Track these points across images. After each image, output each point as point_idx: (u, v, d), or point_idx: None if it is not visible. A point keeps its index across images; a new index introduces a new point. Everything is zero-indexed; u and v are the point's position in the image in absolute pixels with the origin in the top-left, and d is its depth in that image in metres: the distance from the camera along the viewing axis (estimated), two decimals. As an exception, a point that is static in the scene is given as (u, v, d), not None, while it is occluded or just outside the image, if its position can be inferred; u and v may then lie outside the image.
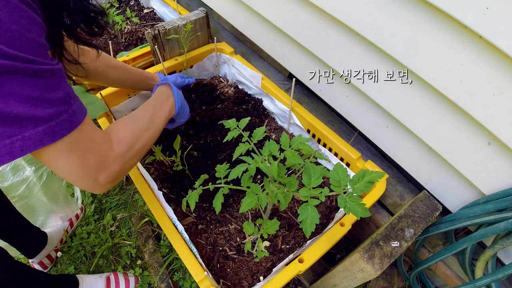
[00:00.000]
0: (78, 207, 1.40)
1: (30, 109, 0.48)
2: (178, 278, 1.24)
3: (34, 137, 0.49)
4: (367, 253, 0.82)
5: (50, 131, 0.51)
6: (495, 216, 0.82)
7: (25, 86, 0.46)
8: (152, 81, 1.19)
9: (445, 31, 0.78)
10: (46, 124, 0.50)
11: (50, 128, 0.51)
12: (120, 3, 1.99)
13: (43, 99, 0.49)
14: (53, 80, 0.51)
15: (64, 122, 0.53)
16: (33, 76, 0.47)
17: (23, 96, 0.47)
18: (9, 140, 0.47)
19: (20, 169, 1.21)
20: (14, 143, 0.48)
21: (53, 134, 0.51)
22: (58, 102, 0.52)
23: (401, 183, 1.17)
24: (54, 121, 0.51)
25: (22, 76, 0.46)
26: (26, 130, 0.48)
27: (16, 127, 0.47)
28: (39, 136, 0.49)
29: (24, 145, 0.48)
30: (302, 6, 1.13)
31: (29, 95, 0.47)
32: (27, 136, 0.48)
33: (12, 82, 0.45)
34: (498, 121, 0.77)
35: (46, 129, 0.50)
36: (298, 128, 1.25)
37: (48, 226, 1.30)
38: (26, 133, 0.48)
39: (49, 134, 0.51)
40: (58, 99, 0.52)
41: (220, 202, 0.76)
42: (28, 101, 0.47)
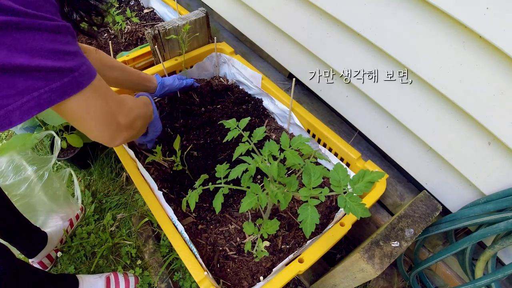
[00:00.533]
0: (78, 207, 1.40)
1: (54, 62, 0.51)
2: (178, 278, 1.24)
3: (61, 88, 0.52)
4: (367, 253, 0.82)
5: (74, 81, 0.54)
6: (495, 216, 0.82)
7: (46, 40, 0.49)
8: (150, 83, 1.20)
9: (445, 31, 0.78)
10: (71, 75, 0.54)
11: (74, 79, 0.54)
12: (120, 3, 1.99)
13: (64, 52, 0.52)
14: (68, 35, 0.54)
15: (85, 73, 0.56)
16: (52, 32, 0.50)
17: (46, 50, 0.49)
18: (37, 92, 0.50)
19: (22, 169, 1.21)
20: (42, 95, 0.50)
21: (77, 84, 0.55)
22: (77, 54, 0.55)
23: (401, 183, 1.17)
24: (77, 72, 0.55)
25: (43, 32, 0.49)
26: (53, 82, 0.51)
27: (43, 80, 0.50)
28: (65, 87, 0.53)
29: (52, 96, 0.52)
30: (302, 6, 1.13)
31: (52, 49, 0.50)
32: (54, 87, 0.52)
33: (35, 38, 0.48)
34: (498, 121, 0.77)
35: (72, 79, 0.54)
36: (298, 128, 1.25)
37: (48, 226, 1.30)
38: (53, 84, 0.51)
39: (74, 84, 0.54)
40: (76, 51, 0.55)
41: (220, 202, 0.76)
42: (52, 54, 0.50)
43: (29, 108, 0.50)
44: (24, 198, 1.20)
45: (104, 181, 1.55)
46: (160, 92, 1.24)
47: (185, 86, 1.32)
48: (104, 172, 1.57)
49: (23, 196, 1.20)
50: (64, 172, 1.39)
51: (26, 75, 0.49)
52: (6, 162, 1.20)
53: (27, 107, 0.50)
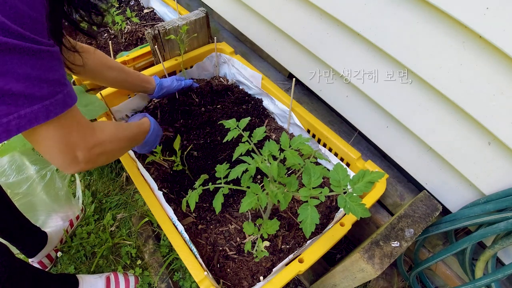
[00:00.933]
0: (79, 208, 1.40)
1: (27, 88, 0.49)
2: (178, 278, 1.24)
3: (29, 115, 0.51)
4: (367, 253, 0.82)
5: (45, 109, 0.52)
6: (495, 216, 0.82)
7: (24, 65, 0.48)
8: (148, 84, 1.20)
9: (445, 31, 0.78)
10: (42, 103, 0.52)
11: (45, 107, 0.52)
12: (120, 3, 1.99)
13: (41, 79, 0.51)
14: (51, 61, 0.52)
15: (58, 102, 0.55)
16: (33, 56, 0.48)
17: (22, 75, 0.48)
18: (6, 118, 0.48)
19: (24, 168, 1.21)
20: (11, 121, 0.49)
21: (47, 113, 0.53)
22: (54, 82, 0.53)
23: (401, 183, 1.17)
24: (49, 101, 0.53)
25: (23, 55, 0.47)
26: (22, 108, 0.49)
27: (13, 106, 0.48)
28: (34, 115, 0.51)
29: (20, 123, 0.50)
30: (302, 6, 1.13)
31: (28, 74, 0.48)
32: (23, 114, 0.50)
33: (13, 60, 0.46)
34: (498, 121, 0.77)
35: (41, 107, 0.52)
36: (298, 128, 1.25)
37: (48, 226, 1.30)
38: (22, 111, 0.49)
39: (44, 113, 0.53)
40: (55, 79, 0.54)
41: (220, 202, 0.76)
42: (27, 80, 0.48)
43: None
44: (25, 197, 1.20)
45: (104, 181, 1.55)
46: (158, 93, 1.24)
47: (183, 87, 1.32)
48: (104, 172, 1.57)
49: (25, 195, 1.20)
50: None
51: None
52: (8, 162, 1.20)
53: None
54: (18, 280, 0.84)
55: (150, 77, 1.21)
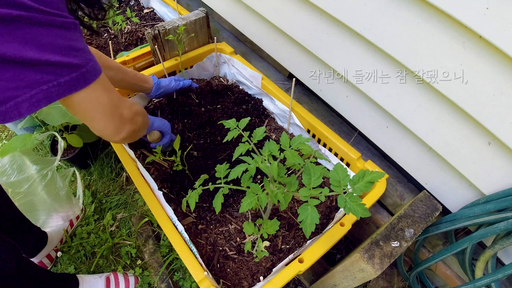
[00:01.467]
0: (80, 207, 1.40)
1: (63, 57, 0.53)
2: (178, 278, 1.24)
3: (69, 83, 0.55)
4: (367, 253, 0.82)
5: (82, 76, 0.57)
6: (495, 216, 0.82)
7: (56, 36, 0.51)
8: (146, 84, 1.20)
9: (445, 31, 0.78)
10: (80, 70, 0.56)
11: (82, 74, 0.56)
12: (120, 3, 1.99)
13: (73, 48, 0.54)
14: (76, 32, 0.56)
15: (91, 69, 0.59)
16: (62, 28, 0.52)
17: (56, 45, 0.51)
18: (46, 85, 0.52)
19: (25, 168, 1.21)
20: (50, 88, 0.52)
21: (85, 79, 0.57)
22: (84, 51, 0.58)
23: (401, 183, 1.17)
24: (85, 68, 0.57)
25: (53, 28, 0.51)
26: (62, 76, 0.53)
27: (52, 74, 0.52)
28: (73, 82, 0.55)
29: (60, 89, 0.54)
30: (302, 6, 1.13)
31: (62, 44, 0.52)
32: (62, 82, 0.54)
33: (46, 33, 0.50)
34: (498, 121, 0.77)
35: (79, 75, 0.56)
36: (298, 128, 1.25)
37: (48, 226, 1.30)
38: (61, 79, 0.53)
39: (81, 79, 0.57)
40: (84, 48, 0.58)
41: (220, 202, 0.76)
42: (61, 50, 0.52)
43: (37, 100, 0.52)
44: (26, 196, 1.20)
45: (104, 181, 1.55)
46: (156, 92, 1.24)
47: (182, 87, 1.32)
48: (104, 172, 1.57)
49: (26, 194, 1.20)
50: (68, 172, 1.39)
51: (36, 69, 0.50)
52: (9, 161, 1.21)
53: (35, 99, 0.52)
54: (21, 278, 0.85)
55: (148, 77, 1.21)
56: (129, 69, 1.14)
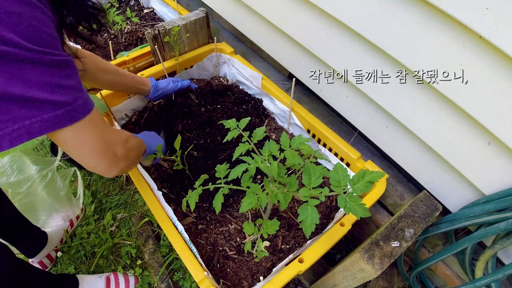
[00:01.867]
0: (80, 207, 1.40)
1: (49, 94, 0.53)
2: (178, 278, 1.24)
3: (52, 119, 0.55)
4: (367, 253, 0.82)
5: (67, 114, 0.56)
6: (495, 216, 0.82)
7: (45, 74, 0.52)
8: (144, 86, 1.20)
9: (445, 31, 0.78)
10: (65, 108, 0.56)
11: (67, 112, 0.56)
12: (120, 3, 1.99)
13: (60, 86, 0.55)
14: (68, 69, 0.57)
15: (79, 107, 0.59)
16: (52, 66, 0.53)
17: (43, 83, 0.52)
18: (29, 121, 0.52)
19: (25, 168, 1.21)
20: (33, 124, 0.53)
21: (70, 117, 0.57)
22: (73, 88, 0.58)
23: (401, 183, 1.17)
24: (71, 106, 0.57)
25: (42, 66, 0.51)
26: (45, 113, 0.53)
27: (36, 110, 0.52)
28: (57, 119, 0.55)
29: (43, 126, 0.54)
30: (302, 6, 1.13)
31: (49, 82, 0.53)
32: (46, 118, 0.54)
33: (33, 71, 0.50)
34: (498, 121, 0.77)
35: (64, 112, 0.56)
36: (298, 128, 1.25)
37: (49, 226, 1.30)
38: (44, 115, 0.53)
39: (67, 117, 0.57)
40: (73, 86, 0.58)
41: (220, 202, 0.76)
42: (48, 87, 0.53)
43: (19, 135, 0.52)
44: (27, 196, 1.20)
45: (104, 181, 1.55)
46: (154, 94, 1.24)
47: (180, 88, 1.32)
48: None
49: (26, 194, 1.20)
50: (68, 172, 1.39)
51: (21, 104, 0.51)
52: (10, 161, 1.21)
53: (17, 134, 0.52)
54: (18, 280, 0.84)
55: (145, 79, 1.21)
56: (126, 71, 1.14)
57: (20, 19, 0.48)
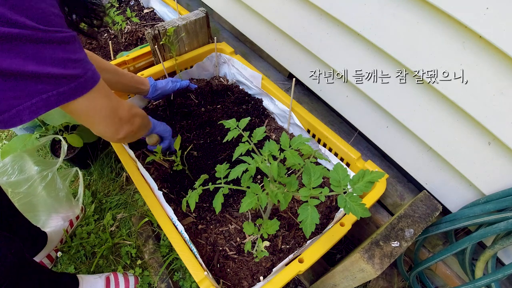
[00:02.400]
0: (79, 208, 1.40)
1: (63, 69, 0.57)
2: (178, 278, 1.24)
3: (68, 92, 0.59)
4: (367, 253, 0.82)
5: (80, 85, 0.61)
6: (495, 216, 0.82)
7: (56, 50, 0.56)
8: (143, 86, 1.20)
9: (445, 31, 0.78)
10: (78, 80, 0.60)
11: (80, 84, 0.61)
12: (120, 3, 1.99)
13: (72, 60, 0.59)
14: (75, 44, 0.60)
15: (89, 78, 0.63)
16: (61, 43, 0.56)
17: (56, 59, 0.56)
18: (46, 95, 0.57)
19: (26, 169, 1.21)
20: (50, 97, 0.57)
21: (83, 88, 0.62)
22: (82, 61, 0.62)
23: (401, 183, 1.17)
24: (83, 78, 0.62)
25: (53, 44, 0.55)
26: (61, 86, 0.58)
27: (52, 85, 0.57)
28: (72, 90, 0.60)
29: (60, 98, 0.59)
30: (302, 6, 1.13)
31: (61, 58, 0.57)
32: (62, 91, 0.58)
33: (47, 49, 0.54)
34: (498, 121, 0.77)
35: (78, 84, 0.61)
36: (298, 128, 1.25)
37: (48, 226, 1.30)
38: (61, 88, 0.58)
39: (80, 88, 0.62)
40: (82, 59, 0.62)
41: (220, 202, 0.76)
42: (61, 63, 0.57)
43: (37, 108, 0.57)
44: (26, 196, 1.21)
45: (104, 181, 1.55)
46: (153, 94, 1.24)
47: (179, 88, 1.31)
48: (104, 172, 1.57)
49: (26, 194, 1.20)
50: (69, 172, 1.39)
51: (37, 80, 0.55)
52: (11, 161, 1.21)
53: (35, 107, 0.56)
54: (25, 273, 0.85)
55: (144, 79, 1.22)
56: (125, 71, 1.14)
57: (30, 3, 0.51)
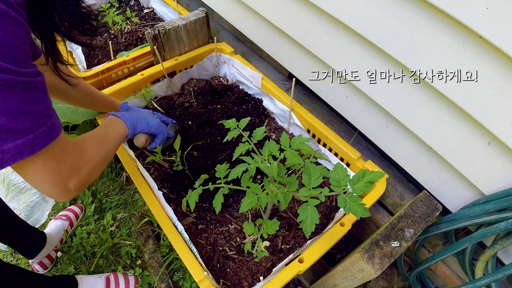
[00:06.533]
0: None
1: (10, 121, 0.47)
2: (178, 278, 1.24)
3: (13, 151, 0.49)
4: (367, 253, 0.82)
5: (29, 144, 0.50)
6: (495, 216, 0.82)
7: (6, 98, 0.46)
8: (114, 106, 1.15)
9: (445, 31, 0.78)
10: (25, 137, 0.50)
11: (29, 141, 0.50)
12: (120, 3, 1.99)
13: (23, 112, 0.48)
14: (35, 93, 0.50)
15: (42, 135, 0.53)
16: (16, 88, 0.46)
17: (3, 108, 0.46)
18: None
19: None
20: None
21: (32, 147, 0.51)
22: (38, 115, 0.51)
23: (401, 183, 1.17)
24: (33, 134, 0.51)
25: (5, 88, 0.45)
26: (5, 143, 0.48)
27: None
28: (17, 150, 0.49)
29: (3, 158, 0.48)
30: (302, 6, 1.13)
31: (10, 108, 0.46)
32: (6, 149, 0.48)
33: None
34: (498, 121, 0.77)
35: (25, 142, 0.50)
36: (298, 128, 1.25)
37: (46, 223, 1.30)
38: (5, 146, 0.48)
39: (28, 147, 0.51)
40: (38, 112, 0.51)
41: (220, 202, 0.76)
42: (9, 114, 0.46)
43: None
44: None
45: (104, 181, 1.55)
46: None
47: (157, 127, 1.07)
48: (104, 172, 1.57)
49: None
50: None
51: None
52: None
53: None
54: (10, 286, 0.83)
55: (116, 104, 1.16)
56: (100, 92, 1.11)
57: None
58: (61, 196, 0.64)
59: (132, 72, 1.55)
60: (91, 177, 0.71)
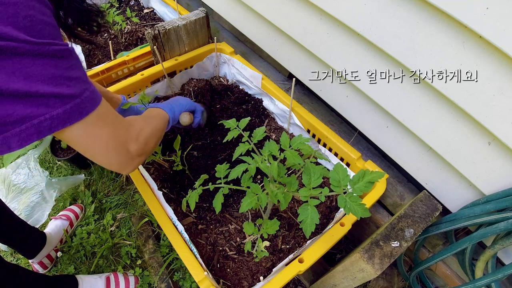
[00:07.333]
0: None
1: (55, 88, 0.49)
2: (178, 278, 1.24)
3: (63, 115, 0.50)
4: (367, 253, 0.82)
5: (77, 108, 0.52)
6: (495, 216, 0.82)
7: (46, 66, 0.48)
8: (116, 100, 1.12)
9: (445, 31, 0.78)
10: (73, 101, 0.51)
11: (76, 105, 0.52)
12: (120, 3, 1.99)
13: (66, 77, 0.50)
14: (71, 59, 0.52)
15: (88, 99, 0.54)
16: (53, 57, 0.49)
17: (47, 76, 0.48)
18: (37, 120, 0.48)
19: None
20: (42, 122, 0.49)
21: (80, 111, 0.53)
22: (79, 79, 0.53)
23: (401, 183, 1.17)
24: (79, 98, 0.52)
25: (43, 57, 0.47)
26: (54, 109, 0.49)
27: (43, 107, 0.48)
28: (67, 114, 0.51)
29: (53, 123, 0.50)
30: (302, 6, 1.13)
31: (52, 74, 0.48)
32: (55, 114, 0.49)
33: (35, 64, 0.46)
34: (498, 121, 0.77)
35: (73, 106, 0.51)
36: (298, 128, 1.25)
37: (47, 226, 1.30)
38: (54, 112, 0.49)
39: (77, 111, 0.52)
40: (79, 77, 0.53)
41: (220, 202, 0.76)
42: (52, 80, 0.48)
43: (28, 135, 0.48)
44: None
45: (104, 181, 1.55)
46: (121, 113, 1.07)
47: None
48: (104, 172, 1.57)
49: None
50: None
51: (26, 101, 0.47)
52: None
53: (25, 134, 0.48)
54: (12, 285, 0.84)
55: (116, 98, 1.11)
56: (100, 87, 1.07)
57: (16, 9, 0.44)
58: (126, 162, 0.65)
59: (132, 72, 1.55)
60: (148, 146, 0.72)
